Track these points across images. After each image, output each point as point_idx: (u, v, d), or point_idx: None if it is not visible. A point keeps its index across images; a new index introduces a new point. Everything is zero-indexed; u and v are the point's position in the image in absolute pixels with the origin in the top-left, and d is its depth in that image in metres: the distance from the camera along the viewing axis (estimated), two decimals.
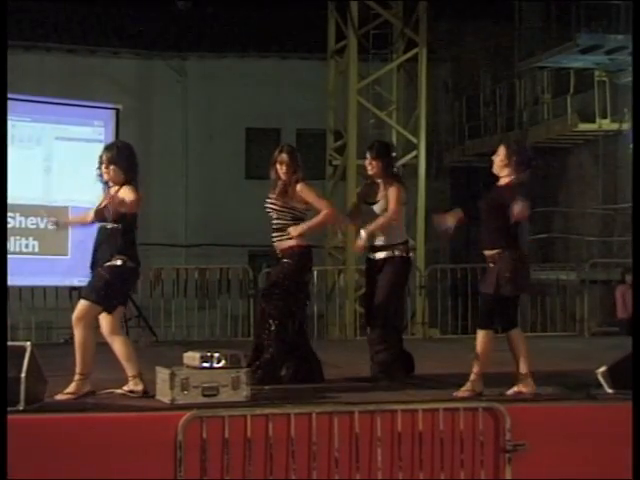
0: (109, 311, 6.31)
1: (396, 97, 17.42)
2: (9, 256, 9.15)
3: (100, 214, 6.39)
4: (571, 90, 17.09)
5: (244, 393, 6.09)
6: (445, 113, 21.06)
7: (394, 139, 17.25)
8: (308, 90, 18.94)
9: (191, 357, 6.22)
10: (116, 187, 6.42)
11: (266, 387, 6.55)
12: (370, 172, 7.27)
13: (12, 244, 9.89)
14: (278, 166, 6.96)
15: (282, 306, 6.84)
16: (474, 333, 9.46)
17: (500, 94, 19.25)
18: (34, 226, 10.06)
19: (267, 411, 5.61)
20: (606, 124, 16.40)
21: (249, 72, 20.25)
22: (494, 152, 6.79)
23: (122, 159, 6.42)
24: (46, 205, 9.66)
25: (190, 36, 20.98)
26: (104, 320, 6.28)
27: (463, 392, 6.30)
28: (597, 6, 16.16)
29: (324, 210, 6.90)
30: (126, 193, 6.28)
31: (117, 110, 10.86)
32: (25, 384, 5.59)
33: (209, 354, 6.16)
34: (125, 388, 6.33)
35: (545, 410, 6.08)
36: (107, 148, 6.61)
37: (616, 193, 16.45)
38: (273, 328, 6.80)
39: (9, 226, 9.55)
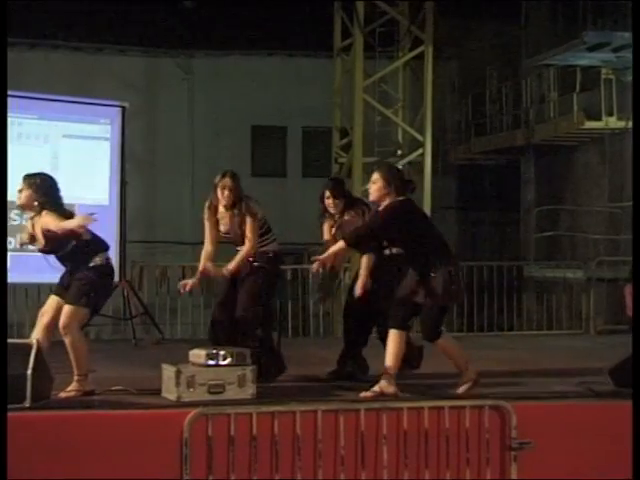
0: (97, 311, 6.34)
1: (402, 95, 17.40)
2: (15, 253, 9.15)
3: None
4: (578, 88, 17.05)
5: (250, 391, 6.10)
6: (451, 111, 21.02)
7: (400, 137, 17.25)
8: (314, 88, 18.92)
9: (197, 355, 6.23)
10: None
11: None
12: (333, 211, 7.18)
13: (19, 241, 9.88)
14: (220, 191, 6.86)
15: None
16: (480, 331, 9.52)
17: (506, 92, 19.21)
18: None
19: (273, 409, 5.62)
20: (613, 122, 16.35)
21: (255, 70, 20.24)
22: (499, 150, 6.72)
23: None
24: None
25: (196, 34, 20.98)
26: (67, 315, 6.16)
27: (370, 392, 6.18)
28: (604, 3, 16.12)
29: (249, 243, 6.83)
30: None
31: (123, 108, 10.86)
32: (31, 381, 5.60)
33: (215, 352, 6.17)
34: (69, 389, 6.19)
35: (551, 408, 6.07)
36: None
37: (623, 191, 16.41)
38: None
39: (15, 223, 9.54)
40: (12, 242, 9.25)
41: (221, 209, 6.92)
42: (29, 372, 5.60)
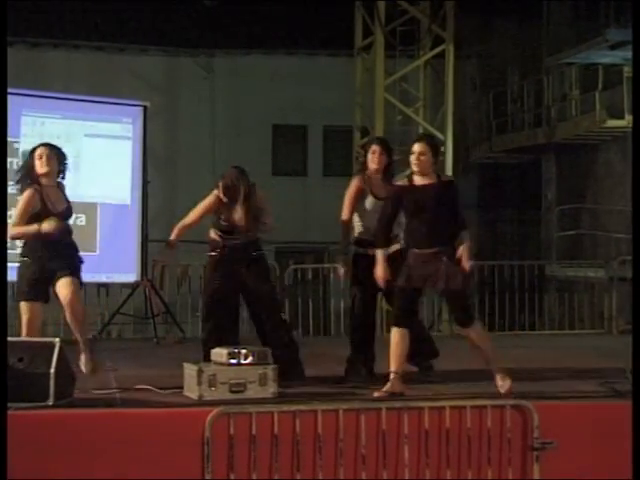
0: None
1: (423, 94, 17.38)
2: None
3: None
4: (599, 86, 16.96)
5: (271, 389, 6.10)
6: (472, 109, 20.97)
7: None
8: (335, 87, 18.92)
9: (219, 353, 6.24)
10: None
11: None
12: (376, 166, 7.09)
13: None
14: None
15: None
16: (501, 330, 9.45)
17: (528, 90, 19.14)
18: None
19: (294, 408, 5.62)
20: None
21: (276, 69, 20.26)
22: (520, 149, 6.71)
23: None
24: (75, 201, 9.73)
25: (217, 33, 21.02)
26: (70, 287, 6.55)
27: (380, 392, 6.18)
28: (626, 1, 16.03)
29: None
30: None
31: (145, 107, 10.90)
32: (54, 380, 5.63)
33: (236, 350, 6.18)
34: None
35: (573, 408, 6.04)
36: None
37: None
38: None
39: None
40: None
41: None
42: (52, 371, 5.63)
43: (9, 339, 5.90)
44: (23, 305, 6.54)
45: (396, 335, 6.32)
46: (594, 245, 17.63)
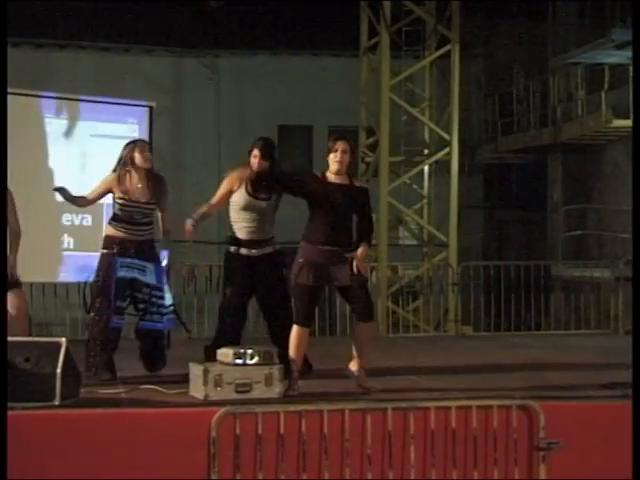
0: None
1: (428, 94, 17.35)
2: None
3: None
4: (606, 86, 16.93)
5: (277, 389, 6.11)
6: (478, 110, 20.95)
7: (426, 136, 17.19)
8: (340, 87, 18.91)
9: (224, 353, 6.25)
10: None
11: None
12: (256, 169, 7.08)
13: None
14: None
15: None
16: (507, 330, 9.40)
17: (533, 90, 19.11)
18: (69, 223, 10.15)
19: (300, 408, 5.62)
20: None
21: (281, 70, 20.27)
22: (526, 149, 6.70)
23: None
24: None
25: (222, 34, 21.04)
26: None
27: (290, 391, 6.23)
28: (632, 1, 15.99)
29: None
30: None
31: (151, 108, 10.91)
32: (60, 379, 5.64)
33: (242, 350, 6.19)
34: None
35: (579, 408, 6.04)
36: None
37: None
38: None
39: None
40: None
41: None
42: (58, 371, 5.64)
43: (16, 339, 5.92)
44: None
45: (300, 333, 6.34)
46: (600, 245, 17.59)
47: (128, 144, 7.24)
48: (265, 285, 7.05)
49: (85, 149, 10.37)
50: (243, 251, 7.01)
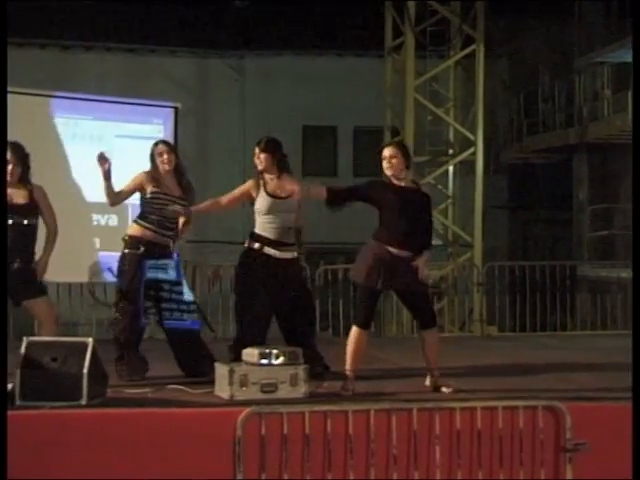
0: None
1: (453, 94, 17.32)
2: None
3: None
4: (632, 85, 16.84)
5: (302, 390, 6.11)
6: (503, 109, 20.88)
7: (451, 136, 17.17)
8: (365, 87, 18.90)
9: (250, 353, 6.26)
10: None
11: None
12: (260, 167, 7.03)
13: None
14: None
15: None
16: (533, 331, 9.35)
17: (559, 90, 19.02)
18: (96, 223, 10.21)
19: (325, 408, 5.62)
20: None
21: (306, 70, 20.28)
22: (552, 149, 6.67)
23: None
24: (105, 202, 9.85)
25: (247, 35, 21.09)
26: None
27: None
28: (632, 1, 15.89)
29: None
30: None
31: (176, 108, 10.96)
32: (87, 379, 5.67)
33: (268, 351, 6.19)
34: None
35: (606, 409, 6.01)
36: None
37: None
38: None
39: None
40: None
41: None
42: (85, 371, 5.67)
43: (43, 339, 5.96)
44: None
45: (360, 335, 6.32)
46: (627, 245, 17.47)
47: (156, 143, 7.28)
48: (286, 290, 6.98)
49: (111, 149, 10.42)
50: (268, 250, 6.96)
